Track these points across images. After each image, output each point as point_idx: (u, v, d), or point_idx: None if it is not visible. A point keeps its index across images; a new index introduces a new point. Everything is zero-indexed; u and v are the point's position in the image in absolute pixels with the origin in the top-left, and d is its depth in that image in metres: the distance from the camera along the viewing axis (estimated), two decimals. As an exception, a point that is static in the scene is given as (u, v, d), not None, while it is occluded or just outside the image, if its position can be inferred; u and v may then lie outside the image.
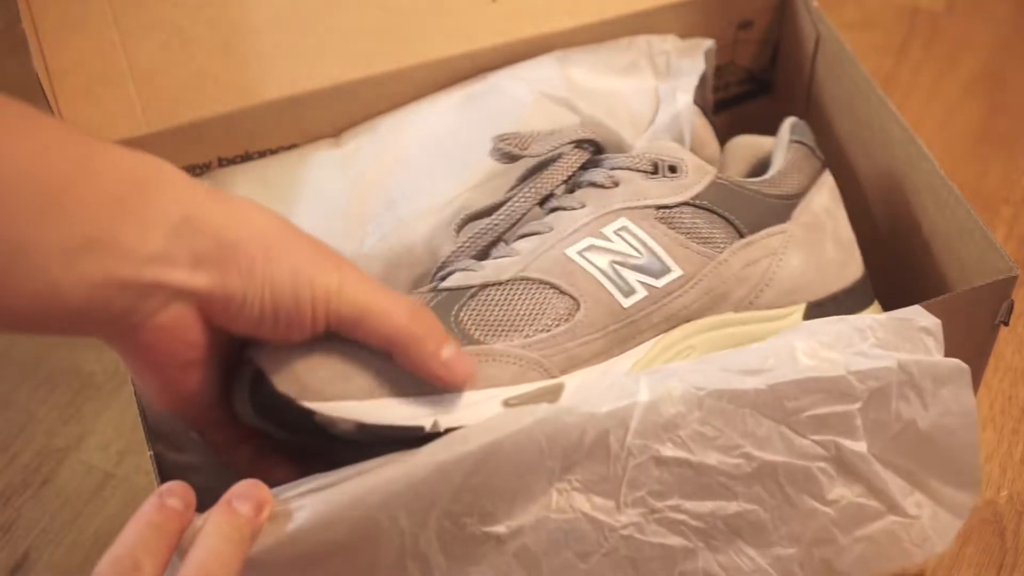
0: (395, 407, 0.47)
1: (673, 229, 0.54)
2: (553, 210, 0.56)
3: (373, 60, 0.64)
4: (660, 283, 0.53)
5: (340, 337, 0.47)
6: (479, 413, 0.47)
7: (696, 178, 0.56)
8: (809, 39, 0.69)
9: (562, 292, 0.51)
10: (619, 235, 0.53)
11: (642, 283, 0.53)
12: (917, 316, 0.50)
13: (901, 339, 0.50)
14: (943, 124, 0.88)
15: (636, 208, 0.54)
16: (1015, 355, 0.74)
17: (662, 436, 0.47)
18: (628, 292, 0.52)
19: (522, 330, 0.50)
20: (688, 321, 0.54)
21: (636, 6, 0.66)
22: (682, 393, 0.47)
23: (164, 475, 0.50)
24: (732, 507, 0.49)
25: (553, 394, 0.49)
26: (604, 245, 0.53)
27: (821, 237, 0.58)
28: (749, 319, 0.55)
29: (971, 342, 0.57)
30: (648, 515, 0.48)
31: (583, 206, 0.55)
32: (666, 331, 0.53)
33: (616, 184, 0.55)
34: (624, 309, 0.52)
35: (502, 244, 0.55)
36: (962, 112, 0.89)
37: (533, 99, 0.63)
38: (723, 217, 0.55)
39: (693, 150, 0.61)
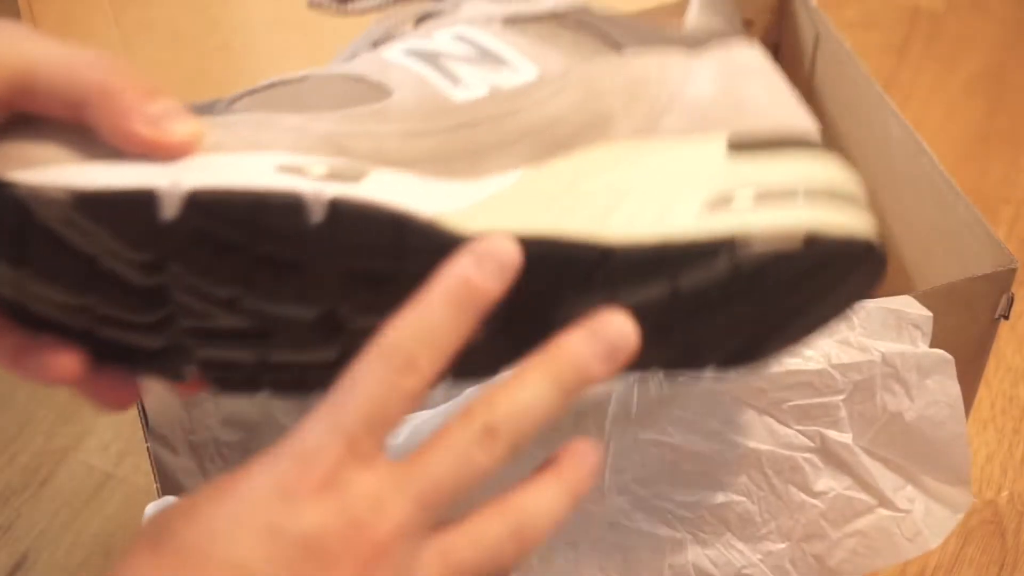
0: (120, 168, 0.35)
1: (525, 35, 0.42)
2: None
3: (373, 60, 0.64)
4: (507, 82, 0.41)
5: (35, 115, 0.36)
6: (242, 175, 0.36)
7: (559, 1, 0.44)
8: (809, 39, 0.69)
9: (370, 83, 0.40)
10: (454, 39, 0.42)
11: (482, 79, 0.41)
12: (906, 306, 0.50)
13: (888, 329, 0.49)
14: (943, 124, 0.88)
15: (479, 19, 0.43)
16: (1015, 355, 0.74)
17: (642, 420, 0.47)
18: (461, 85, 0.40)
19: (311, 110, 0.39)
20: (566, 148, 0.40)
21: (636, 6, 0.66)
22: (660, 377, 0.47)
23: (162, 476, 0.50)
24: (719, 497, 0.49)
25: (352, 174, 0.37)
26: (432, 46, 0.42)
27: (745, 78, 0.43)
28: (654, 147, 0.41)
29: (971, 336, 0.57)
30: (634, 502, 0.48)
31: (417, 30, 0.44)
32: (537, 159, 0.40)
33: (457, 8, 0.44)
34: (456, 104, 0.40)
35: None
36: (962, 112, 0.89)
37: None
38: (594, 31, 0.43)
39: None
